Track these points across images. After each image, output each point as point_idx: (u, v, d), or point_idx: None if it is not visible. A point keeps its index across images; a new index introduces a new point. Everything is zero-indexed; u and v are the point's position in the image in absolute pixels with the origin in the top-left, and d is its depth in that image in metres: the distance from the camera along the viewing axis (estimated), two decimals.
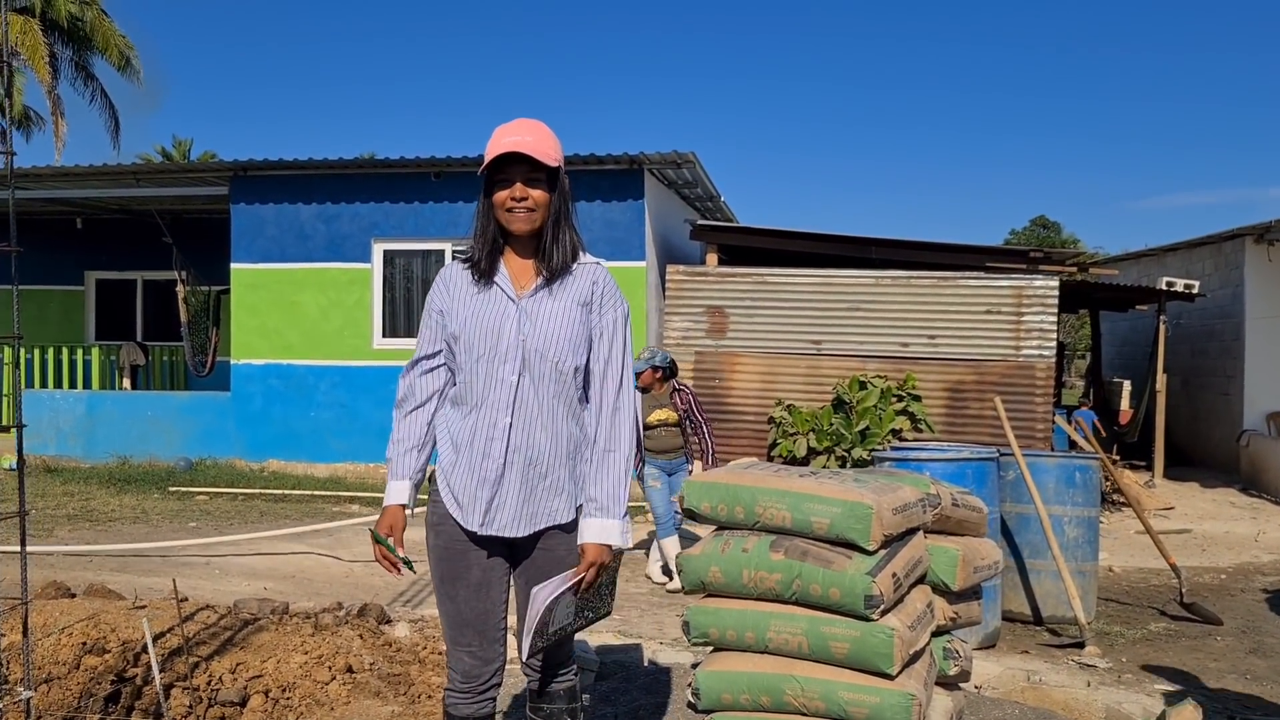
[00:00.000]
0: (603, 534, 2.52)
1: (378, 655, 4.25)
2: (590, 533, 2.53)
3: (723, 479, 3.18)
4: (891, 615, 2.90)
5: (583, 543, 2.53)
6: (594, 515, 2.54)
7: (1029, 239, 42.70)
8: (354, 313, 11.95)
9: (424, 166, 11.58)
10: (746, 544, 3.08)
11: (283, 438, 12.01)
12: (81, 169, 12.14)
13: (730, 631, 3.07)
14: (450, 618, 2.55)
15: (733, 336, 11.28)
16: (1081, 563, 6.00)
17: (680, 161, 10.98)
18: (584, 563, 2.51)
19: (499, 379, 2.49)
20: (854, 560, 2.91)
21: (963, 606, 3.26)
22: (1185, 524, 10.01)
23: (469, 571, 2.53)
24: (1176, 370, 14.08)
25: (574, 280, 2.55)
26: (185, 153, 37.44)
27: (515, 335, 2.49)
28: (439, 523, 2.57)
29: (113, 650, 3.76)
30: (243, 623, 4.17)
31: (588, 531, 2.53)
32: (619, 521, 2.54)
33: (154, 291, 15.48)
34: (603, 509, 2.54)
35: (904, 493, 3.06)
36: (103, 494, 10.30)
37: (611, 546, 2.54)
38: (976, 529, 3.38)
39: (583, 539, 2.53)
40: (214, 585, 6.49)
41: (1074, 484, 6.05)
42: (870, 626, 2.86)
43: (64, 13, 20.71)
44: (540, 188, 2.48)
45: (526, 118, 2.55)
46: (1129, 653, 5.42)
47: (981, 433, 10.74)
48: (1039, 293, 10.64)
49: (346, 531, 8.65)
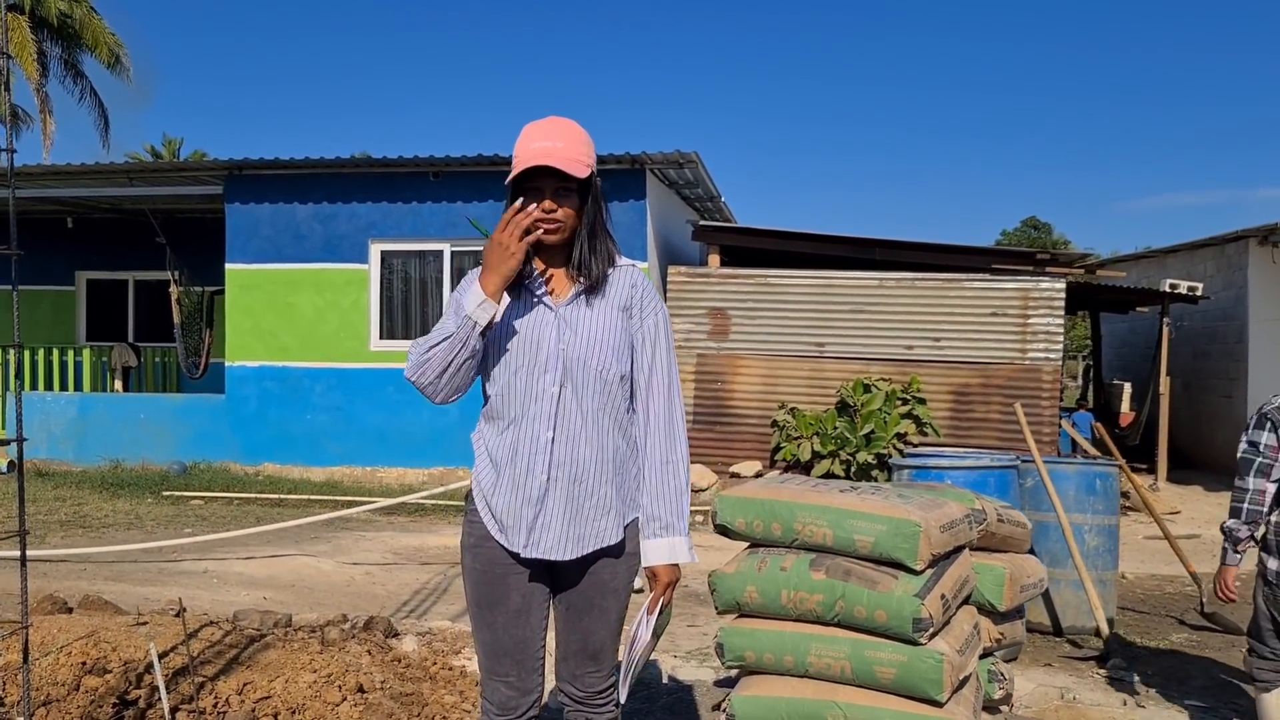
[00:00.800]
0: (672, 553, 2.42)
1: (388, 672, 4.10)
2: (659, 554, 2.42)
3: (759, 494, 3.04)
4: (939, 639, 2.77)
5: (652, 565, 2.43)
6: (660, 535, 2.42)
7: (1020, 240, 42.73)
8: (351, 314, 11.77)
9: (422, 166, 11.41)
10: (785, 562, 2.94)
11: (278, 441, 11.82)
12: (74, 167, 11.94)
13: (768, 655, 2.93)
14: (487, 646, 2.40)
15: (735, 338, 11.14)
16: (1102, 572, 5.88)
17: (683, 161, 10.83)
18: (659, 587, 2.43)
19: (539, 391, 2.34)
20: (900, 580, 2.78)
21: (1007, 627, 3.14)
22: (1193, 529, 9.90)
23: (508, 597, 2.38)
24: (1178, 372, 14.00)
25: (611, 285, 2.41)
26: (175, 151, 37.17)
27: (555, 344, 2.34)
28: (477, 545, 2.41)
29: (114, 670, 3.60)
30: (248, 639, 4.01)
31: (656, 553, 2.42)
32: (685, 538, 2.44)
33: (146, 292, 15.27)
34: (668, 527, 2.42)
35: (950, 509, 2.94)
36: (95, 499, 10.11)
37: (679, 566, 2.45)
38: (1020, 545, 3.25)
39: (651, 561, 2.42)
40: (212, 595, 6.33)
41: (1094, 491, 5.92)
42: (918, 651, 2.73)
43: (53, 10, 20.47)
44: (571, 200, 2.32)
45: (557, 116, 2.38)
46: (1154, 665, 5.30)
47: (987, 436, 10.63)
48: (1045, 295, 10.54)
49: (346, 539, 8.49)
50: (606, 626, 2.45)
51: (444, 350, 2.24)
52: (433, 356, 2.25)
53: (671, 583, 2.43)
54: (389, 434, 11.56)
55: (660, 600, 2.43)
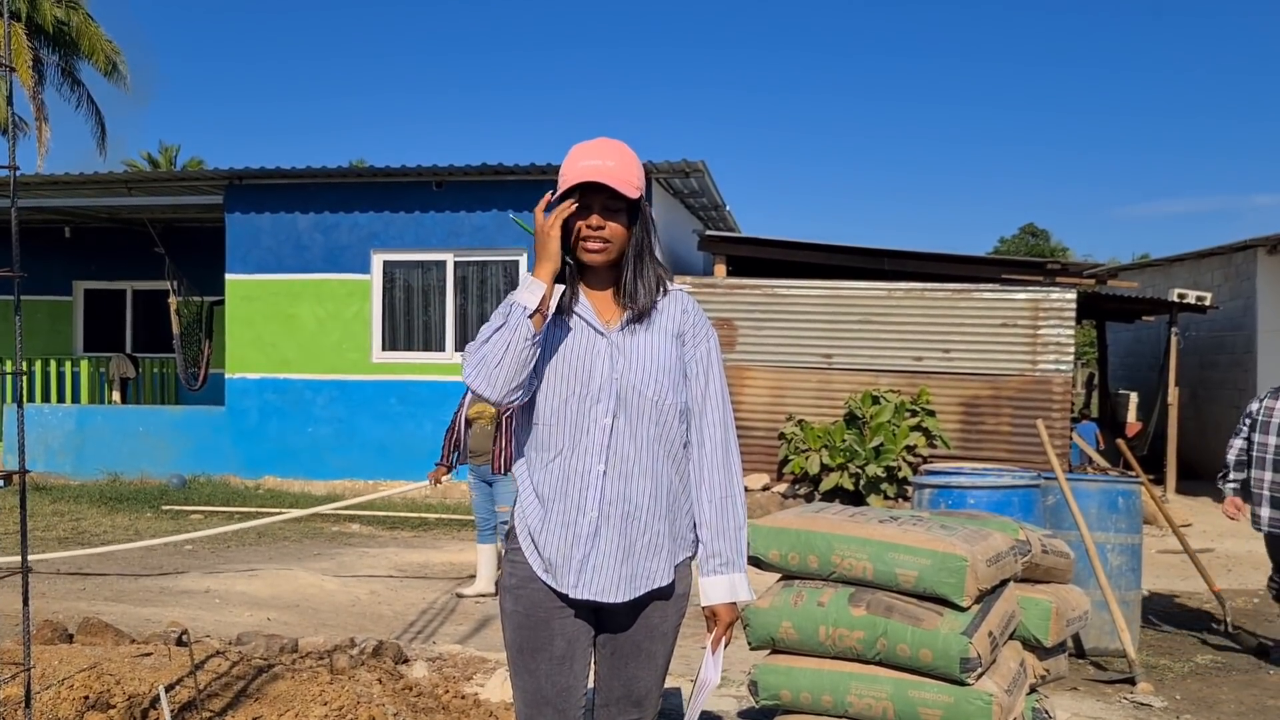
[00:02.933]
0: (732, 592, 2.29)
1: (400, 703, 3.96)
2: (719, 592, 2.29)
3: (794, 524, 2.92)
4: (987, 678, 2.64)
5: (712, 605, 2.29)
6: (720, 572, 2.29)
7: (1019, 247, 42.68)
8: (353, 325, 11.64)
9: (425, 175, 11.30)
10: (822, 597, 2.82)
11: (279, 454, 11.68)
12: (71, 177, 11.80)
13: (805, 694, 2.80)
14: (528, 694, 2.26)
15: (741, 349, 11.02)
16: (1125, 592, 5.75)
17: (689, 170, 10.73)
18: (720, 626, 2.30)
19: (590, 421, 2.21)
20: (945, 617, 2.65)
21: (1052, 662, 3.01)
22: (1206, 542, 9.78)
23: (552, 642, 2.24)
24: (1185, 382, 13.89)
25: (662, 311, 2.29)
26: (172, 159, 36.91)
27: (609, 372, 2.22)
28: (519, 586, 2.27)
29: (118, 705, 3.47)
30: (256, 670, 3.88)
31: (716, 591, 2.29)
32: (744, 575, 2.32)
33: (144, 302, 15.13)
34: (728, 564, 2.29)
35: (995, 540, 2.81)
36: (94, 513, 9.97)
37: (738, 605, 2.34)
38: (1064, 576, 3.13)
39: (712, 599, 2.29)
40: (214, 616, 6.19)
41: (1117, 509, 5.80)
42: (965, 692, 2.61)
43: (49, 17, 20.34)
44: (619, 219, 2.21)
45: (606, 137, 2.27)
46: (1181, 689, 5.17)
47: (998, 449, 10.52)
48: (1056, 305, 10.43)
49: (349, 555, 8.36)
50: (653, 672, 2.32)
51: (498, 341, 2.12)
52: (487, 351, 2.13)
53: (733, 622, 2.32)
54: (391, 447, 11.42)
55: (723, 640, 2.30)
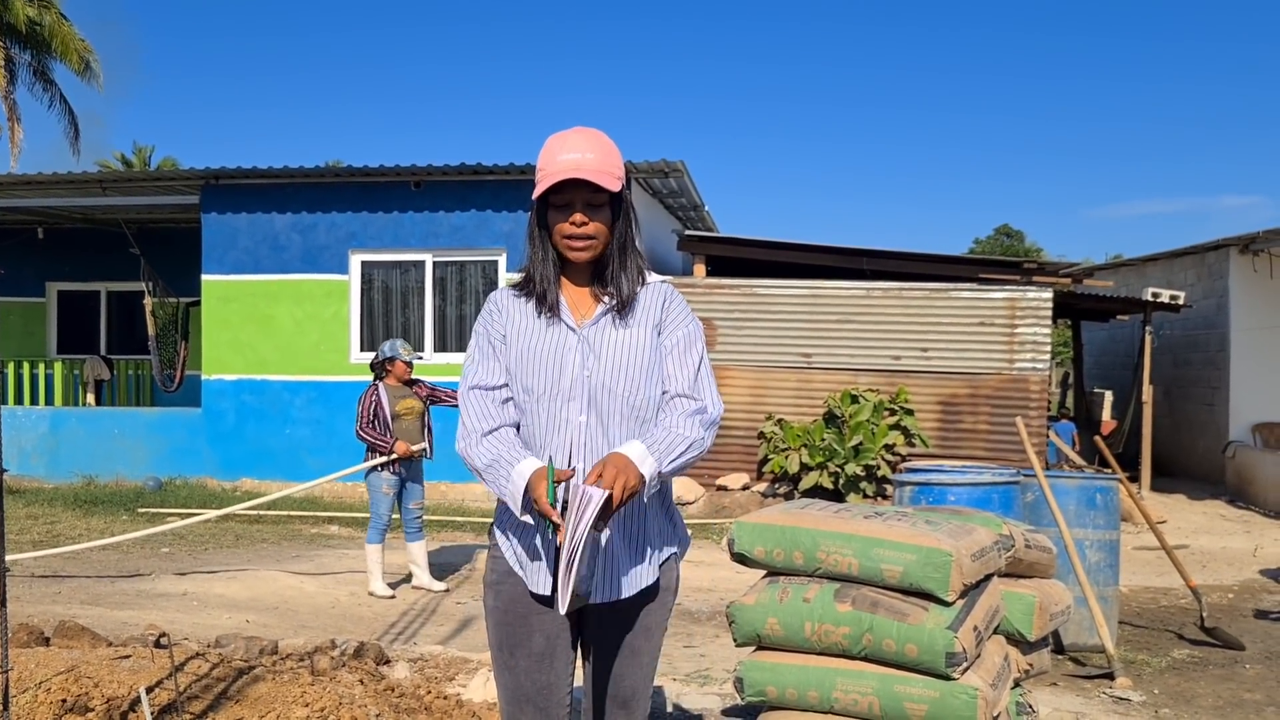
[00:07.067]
0: (641, 459, 2.06)
1: (382, 704, 3.94)
2: (630, 450, 2.07)
3: (779, 520, 2.92)
4: (972, 672, 2.65)
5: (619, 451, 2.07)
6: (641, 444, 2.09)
7: (993, 247, 42.94)
8: (331, 326, 11.57)
9: (404, 175, 11.24)
10: (808, 593, 2.82)
11: (256, 456, 11.59)
12: (45, 177, 11.67)
13: (790, 690, 2.81)
14: (509, 691, 2.25)
15: (721, 349, 11.03)
16: (1103, 588, 5.80)
17: (669, 170, 10.74)
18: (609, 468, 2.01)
19: (562, 420, 2.19)
20: (931, 612, 2.66)
21: (1035, 656, 3.03)
22: (1180, 539, 9.88)
23: (531, 639, 2.23)
24: (1158, 381, 14.02)
25: (641, 303, 2.25)
26: (146, 159, 36.56)
27: (579, 369, 2.19)
28: (499, 582, 2.27)
29: (97, 708, 3.43)
30: (237, 672, 3.84)
31: (627, 448, 2.08)
32: (657, 465, 2.08)
33: (119, 303, 14.98)
34: (656, 445, 2.10)
35: (979, 535, 2.83)
36: (69, 516, 9.85)
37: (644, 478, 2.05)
38: (1046, 570, 3.15)
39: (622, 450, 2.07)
40: (193, 619, 6.13)
41: (1095, 506, 5.85)
42: (951, 686, 2.62)
43: (21, 16, 20.10)
44: (602, 214, 2.19)
45: (583, 127, 2.24)
46: (1159, 684, 5.22)
47: (975, 447, 10.59)
48: (1032, 304, 10.51)
49: (328, 557, 8.31)
50: (639, 670, 2.30)
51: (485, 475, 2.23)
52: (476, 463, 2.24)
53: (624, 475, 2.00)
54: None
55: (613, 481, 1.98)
